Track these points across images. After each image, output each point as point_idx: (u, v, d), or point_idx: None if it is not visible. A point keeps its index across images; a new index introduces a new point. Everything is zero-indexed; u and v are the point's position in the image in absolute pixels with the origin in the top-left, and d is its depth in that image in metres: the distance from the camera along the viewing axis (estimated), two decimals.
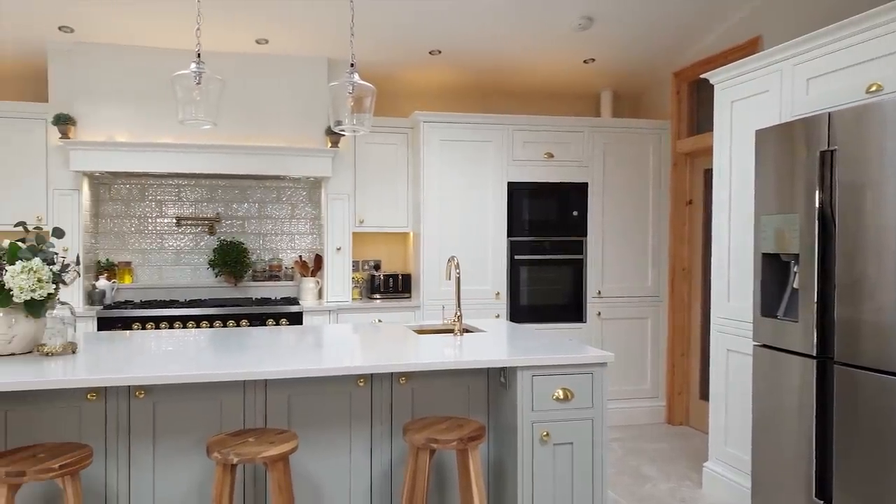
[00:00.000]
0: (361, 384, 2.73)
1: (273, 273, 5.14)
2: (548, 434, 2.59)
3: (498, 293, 4.93)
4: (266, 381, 2.64)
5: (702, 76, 3.92)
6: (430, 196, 4.85)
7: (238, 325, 4.45)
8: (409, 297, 5.10)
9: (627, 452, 4.47)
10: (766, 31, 4.11)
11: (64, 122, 4.26)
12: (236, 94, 4.55)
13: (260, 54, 4.65)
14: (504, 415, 2.74)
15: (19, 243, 2.54)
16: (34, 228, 2.71)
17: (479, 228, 4.92)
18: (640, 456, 4.39)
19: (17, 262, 2.45)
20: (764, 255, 3.09)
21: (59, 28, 4.17)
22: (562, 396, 2.60)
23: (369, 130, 3.04)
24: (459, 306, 3.14)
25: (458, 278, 3.16)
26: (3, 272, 2.44)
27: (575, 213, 5.04)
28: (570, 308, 5.05)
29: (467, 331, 3.44)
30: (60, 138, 4.29)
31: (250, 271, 5.10)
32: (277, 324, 4.52)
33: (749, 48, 4.21)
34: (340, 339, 3.04)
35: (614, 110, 5.56)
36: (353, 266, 5.26)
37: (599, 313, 5.08)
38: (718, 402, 3.72)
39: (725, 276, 3.69)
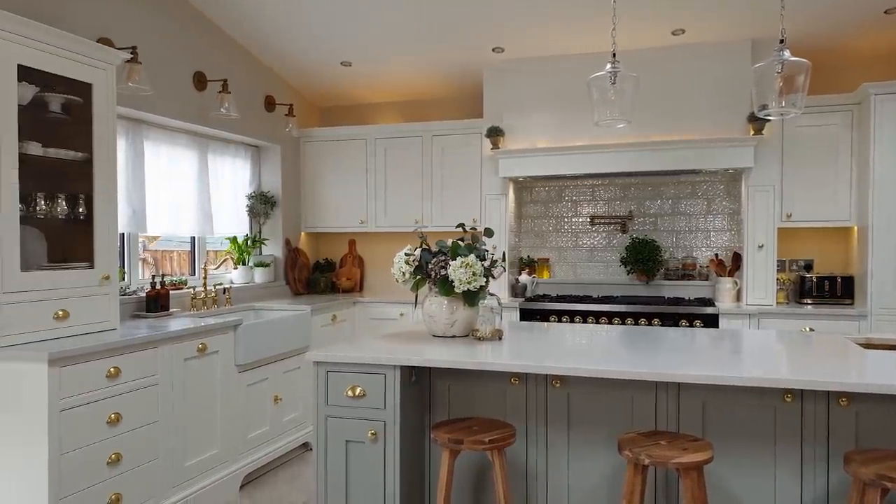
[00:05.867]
0: (789, 399, 2.39)
1: (686, 272, 4.93)
2: None
3: None
4: (679, 384, 2.51)
5: None
6: (883, 183, 4.05)
7: (649, 324, 4.39)
8: (851, 304, 4.35)
9: None
10: None
11: (494, 133, 4.79)
12: (649, 89, 4.49)
13: (675, 46, 4.50)
14: None
15: (459, 242, 2.92)
16: (470, 229, 3.08)
17: None
18: None
19: (458, 258, 2.81)
20: None
21: (493, 49, 4.69)
22: None
23: (801, 112, 2.65)
24: None
25: None
26: (448, 266, 2.83)
27: None
28: None
29: None
30: (492, 149, 4.83)
31: (662, 269, 4.99)
32: (690, 325, 4.32)
33: None
34: (763, 346, 2.72)
35: None
36: (779, 266, 4.71)
37: None
38: None
39: None
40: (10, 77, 2.72)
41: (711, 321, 4.31)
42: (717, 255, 4.90)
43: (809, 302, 4.45)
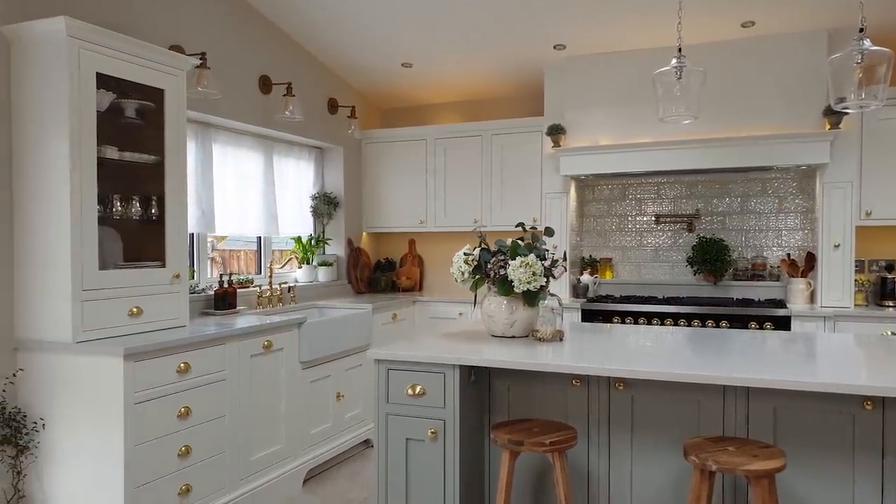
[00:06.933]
0: (869, 407, 2.27)
1: (756, 272, 4.76)
2: None
3: None
4: (748, 388, 2.42)
5: None
6: None
7: (717, 326, 4.25)
8: None
9: None
10: None
11: (555, 131, 4.73)
12: (718, 84, 4.34)
13: (744, 38, 4.34)
14: None
15: (519, 241, 2.89)
16: (530, 228, 3.03)
17: None
18: None
19: (517, 258, 2.78)
20: None
21: (554, 47, 4.64)
22: None
23: (883, 104, 2.52)
24: None
25: None
26: (507, 266, 2.81)
27: None
28: None
29: None
30: (552, 147, 4.78)
31: (731, 270, 4.83)
32: (761, 328, 4.16)
33: None
34: (839, 350, 2.60)
35: None
36: (857, 266, 4.49)
37: None
38: None
39: None
40: (90, 85, 2.85)
41: (783, 323, 4.14)
42: (788, 254, 4.71)
43: (891, 304, 4.22)
